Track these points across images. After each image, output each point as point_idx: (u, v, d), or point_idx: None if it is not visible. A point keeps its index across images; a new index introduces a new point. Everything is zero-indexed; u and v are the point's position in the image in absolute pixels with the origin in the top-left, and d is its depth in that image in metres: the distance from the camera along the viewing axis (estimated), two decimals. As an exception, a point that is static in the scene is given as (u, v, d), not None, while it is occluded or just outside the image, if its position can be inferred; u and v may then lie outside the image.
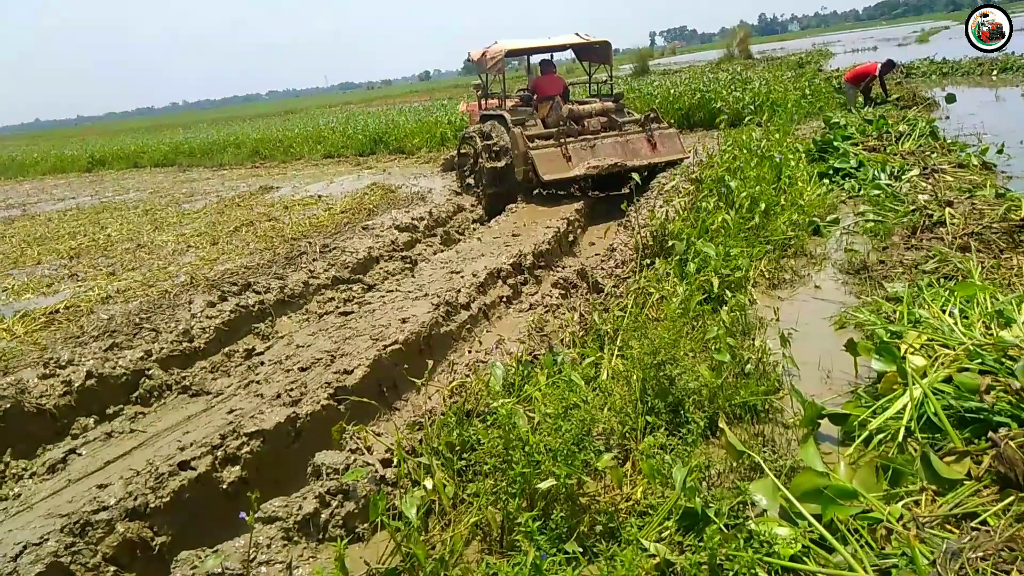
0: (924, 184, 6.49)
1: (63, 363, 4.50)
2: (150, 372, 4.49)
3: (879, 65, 12.34)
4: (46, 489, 3.45)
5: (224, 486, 3.24)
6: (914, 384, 2.68)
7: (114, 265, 7.91)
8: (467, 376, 3.50)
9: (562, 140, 8.66)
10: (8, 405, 3.93)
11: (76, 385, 4.22)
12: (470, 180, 10.13)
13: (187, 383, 4.45)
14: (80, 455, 3.76)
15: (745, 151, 7.10)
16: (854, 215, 6.27)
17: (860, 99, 12.44)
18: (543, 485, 2.36)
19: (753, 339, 3.82)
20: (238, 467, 3.30)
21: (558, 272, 6.00)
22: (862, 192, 6.88)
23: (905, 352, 2.99)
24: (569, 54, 11.40)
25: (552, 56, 10.96)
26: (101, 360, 4.47)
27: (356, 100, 61.58)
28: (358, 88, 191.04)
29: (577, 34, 10.39)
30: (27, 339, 5.53)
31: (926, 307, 3.57)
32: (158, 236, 9.45)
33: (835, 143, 8.54)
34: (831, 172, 7.74)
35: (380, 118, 22.73)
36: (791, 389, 3.02)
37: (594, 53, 10.81)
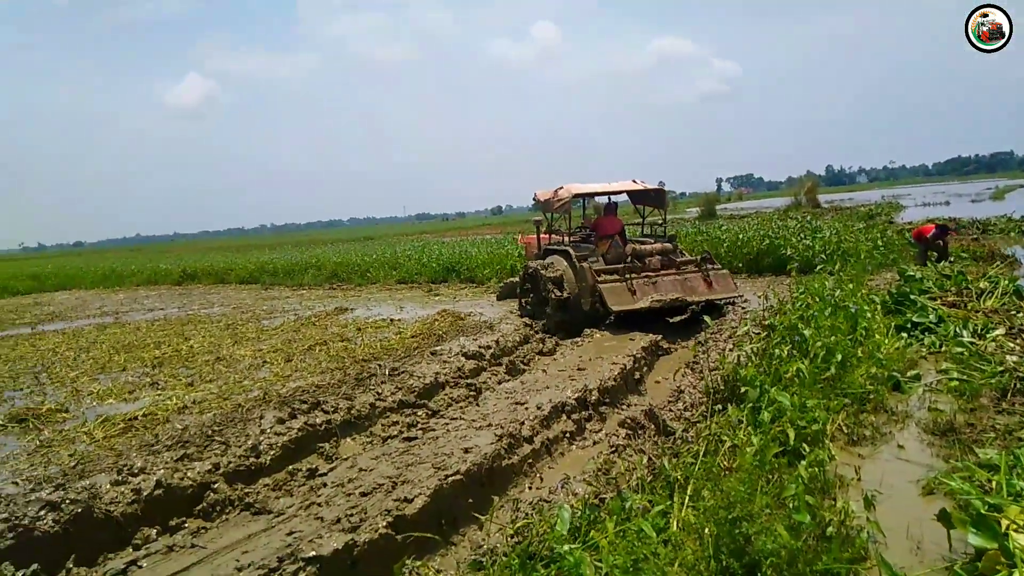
0: (1012, 344, 6.22)
1: (135, 471, 4.62)
2: (215, 486, 4.54)
3: (934, 228, 12.36)
4: (104, 600, 3.44)
5: (277, 613, 3.17)
6: (1023, 566, 2.46)
7: (193, 376, 8.24)
8: (531, 516, 3.41)
9: (627, 276, 9.22)
10: (79, 510, 4.02)
11: (144, 494, 4.30)
12: (530, 308, 10.71)
13: (250, 500, 4.47)
14: (140, 567, 3.78)
15: (818, 299, 7.01)
16: (936, 372, 6.02)
17: (933, 255, 12.28)
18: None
19: (834, 499, 3.61)
20: (292, 594, 3.24)
21: (624, 410, 5.91)
22: (944, 349, 6.63)
23: (1007, 529, 2.76)
24: (624, 197, 12.08)
25: (610, 199, 11.65)
26: (171, 470, 4.57)
27: (431, 230, 64.56)
28: (434, 219, 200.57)
29: (634, 180, 11.16)
30: (105, 444, 5.72)
31: (1027, 478, 3.33)
32: (237, 350, 9.84)
33: (911, 296, 8.35)
34: (909, 326, 7.52)
35: (453, 248, 23.66)
36: (879, 560, 2.80)
37: (649, 198, 11.60)
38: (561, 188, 10.74)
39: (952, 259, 11.67)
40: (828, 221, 21.03)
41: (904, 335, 7.14)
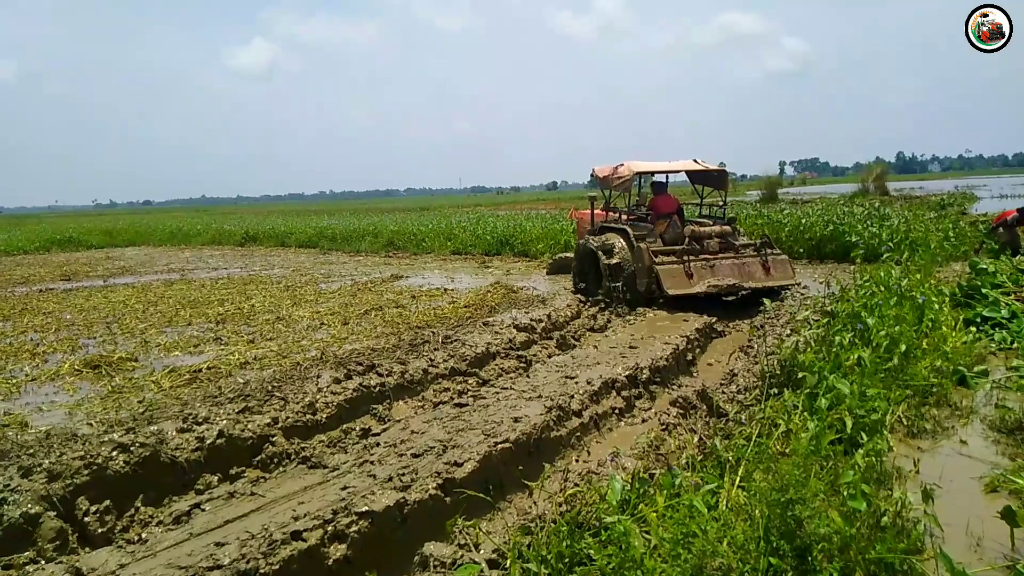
0: (1091, 344, 5.92)
1: (199, 420, 4.82)
2: (274, 439, 4.71)
3: (1015, 212, 11.71)
4: (169, 539, 3.63)
5: (330, 562, 3.30)
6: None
7: (254, 334, 8.52)
8: (580, 486, 3.44)
9: (685, 258, 9.08)
10: (148, 453, 4.22)
11: (207, 443, 4.49)
12: (584, 284, 10.68)
13: (306, 454, 4.63)
14: (203, 511, 3.96)
15: (883, 288, 6.79)
16: (1006, 368, 5.78)
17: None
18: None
19: (890, 490, 3.53)
20: (344, 545, 3.37)
21: (675, 390, 5.87)
22: (1015, 345, 6.36)
23: (1075, 530, 2.66)
24: (682, 176, 11.81)
25: (667, 178, 11.42)
26: (233, 421, 4.75)
27: (486, 203, 64.69)
28: (489, 192, 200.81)
29: (696, 160, 10.87)
30: (171, 393, 5.99)
31: (1098, 481, 3.19)
32: (296, 311, 10.13)
33: (983, 290, 8.01)
34: (979, 320, 7.23)
35: (508, 221, 23.69)
36: (938, 552, 2.74)
37: (711, 179, 11.27)
38: (622, 165, 10.59)
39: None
40: (897, 209, 20.22)
41: (973, 329, 6.87)
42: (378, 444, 4.74)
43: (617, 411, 5.45)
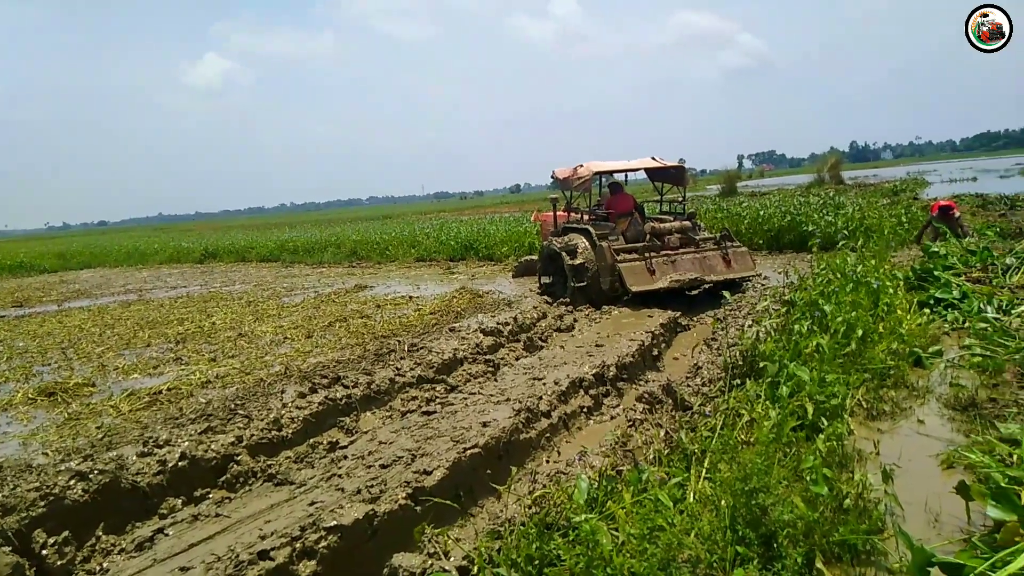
0: (1038, 320, 6.12)
1: (160, 443, 4.72)
2: (239, 458, 4.63)
3: (937, 210, 12.01)
4: (132, 567, 3.53)
5: (299, 580, 3.24)
6: (1040, 537, 2.45)
7: (216, 352, 8.36)
8: (548, 487, 3.44)
9: (647, 255, 9.17)
10: (107, 480, 4.11)
11: (170, 465, 4.39)
12: (550, 285, 10.81)
13: (272, 471, 4.55)
14: (167, 535, 3.86)
15: (839, 275, 6.94)
16: (959, 348, 5.95)
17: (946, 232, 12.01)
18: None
19: (852, 472, 3.60)
20: (314, 561, 3.31)
21: (642, 386, 5.92)
22: (967, 325, 6.55)
23: (1027, 500, 2.74)
24: (641, 174, 11.98)
25: (626, 177, 11.58)
26: (195, 442, 4.66)
27: (450, 208, 64.57)
28: (452, 198, 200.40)
29: (653, 158, 11.02)
30: (131, 417, 5.84)
31: (1048, 452, 3.29)
32: (258, 326, 9.97)
33: (935, 272, 8.24)
34: (932, 302, 7.43)
35: (472, 226, 23.67)
36: (897, 530, 2.80)
37: (669, 175, 11.41)
38: (581, 166, 10.68)
39: (973, 235, 11.44)
40: (851, 197, 20.73)
41: (927, 311, 7.07)
42: (346, 457, 4.67)
43: (586, 410, 5.47)
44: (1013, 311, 6.50)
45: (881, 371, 5.22)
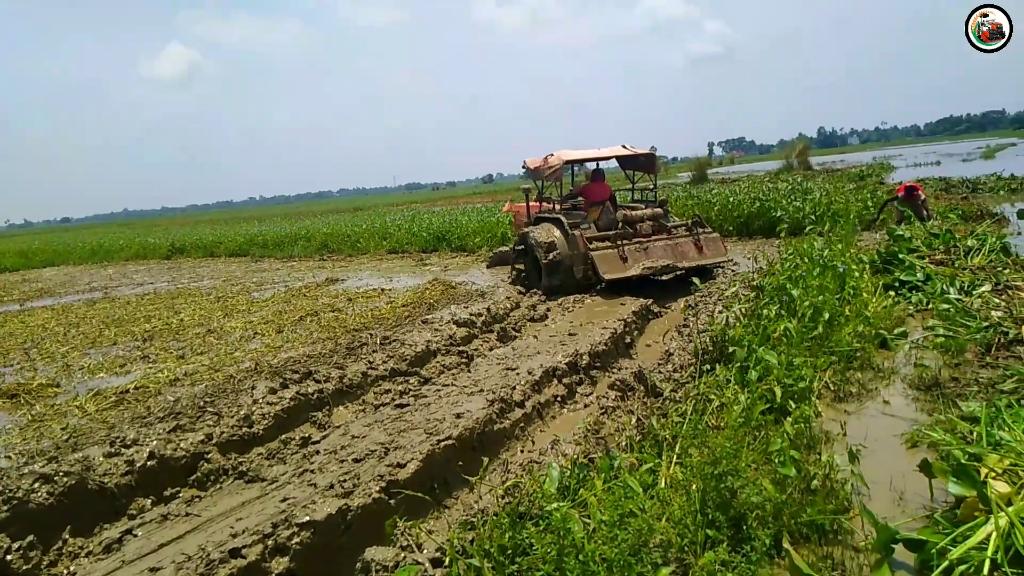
0: (997, 300, 6.26)
1: (128, 442, 4.64)
2: (209, 456, 4.57)
3: (903, 190, 12.23)
4: (100, 569, 3.48)
5: (272, 577, 3.21)
6: (999, 512, 2.51)
7: (184, 349, 8.23)
8: (521, 476, 3.45)
9: (619, 242, 9.21)
10: (73, 482, 4.04)
11: (138, 465, 4.33)
12: (524, 275, 10.85)
13: (244, 469, 4.50)
14: (136, 536, 3.81)
15: (807, 260, 7.04)
16: (923, 329, 6.08)
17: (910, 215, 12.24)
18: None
19: (819, 453, 3.66)
20: (287, 558, 3.28)
21: (614, 373, 5.95)
22: (930, 306, 6.69)
23: (986, 477, 2.81)
24: (614, 162, 12.03)
25: (598, 165, 11.60)
26: (164, 441, 4.59)
27: (421, 200, 64.19)
28: (424, 188, 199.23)
29: (624, 146, 11.07)
30: (97, 417, 5.73)
31: (1007, 429, 3.38)
32: (227, 322, 9.83)
33: (900, 255, 8.40)
34: (897, 284, 7.58)
35: (444, 217, 23.56)
36: (862, 509, 2.86)
37: (639, 163, 11.49)
38: (551, 155, 10.69)
39: (937, 218, 11.68)
40: (819, 183, 21.00)
41: (892, 293, 7.20)
42: (318, 452, 4.63)
43: (559, 399, 5.49)
44: (974, 292, 6.64)
45: (848, 353, 5.31)
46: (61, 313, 12.87)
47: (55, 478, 3.99)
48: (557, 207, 10.93)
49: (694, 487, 2.98)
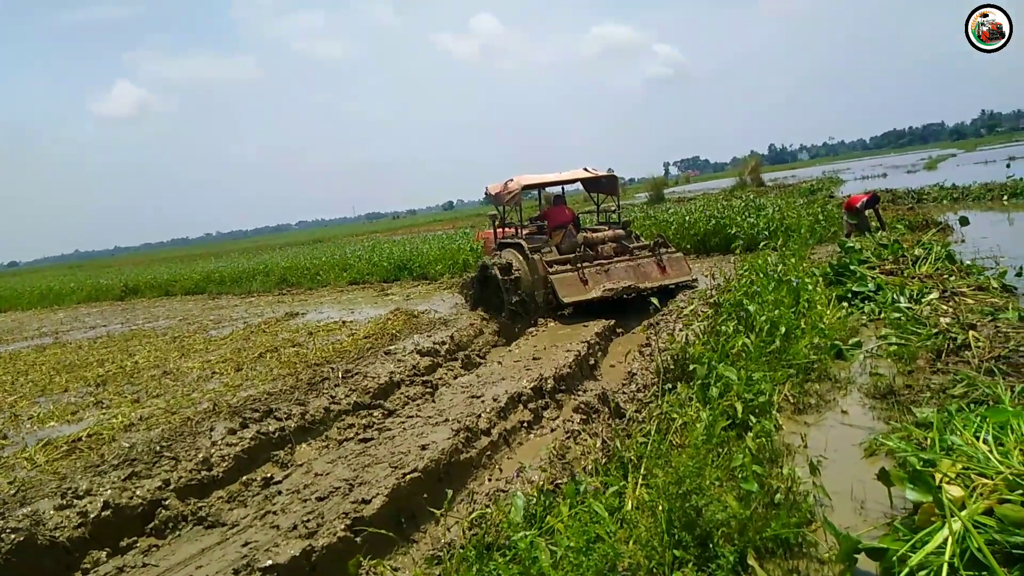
0: (945, 307, 6.47)
1: (80, 493, 4.48)
2: (167, 502, 4.43)
3: (864, 198, 12.54)
4: (51, 628, 3.33)
5: (234, 625, 3.11)
6: (953, 517, 2.57)
7: (139, 392, 8.00)
8: (487, 507, 3.41)
9: (579, 265, 9.29)
10: (21, 538, 3.87)
11: (92, 516, 4.18)
12: (485, 302, 10.68)
13: (203, 514, 4.36)
14: (89, 591, 3.66)
15: (762, 275, 7.18)
16: (876, 338, 6.23)
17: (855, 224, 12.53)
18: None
19: (781, 467, 3.71)
20: (250, 605, 3.19)
21: (579, 396, 5.96)
22: (882, 315, 6.86)
23: (940, 482, 2.88)
24: (578, 186, 12.14)
25: (563, 189, 11.70)
26: (119, 490, 4.44)
27: (382, 229, 63.88)
28: (384, 217, 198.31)
29: (586, 168, 11.19)
30: (47, 468, 5.52)
31: (958, 434, 3.46)
32: (184, 363, 9.59)
33: (852, 267, 8.63)
34: (849, 295, 7.76)
35: (405, 246, 23.46)
36: (824, 521, 2.89)
37: (601, 186, 11.62)
38: (511, 180, 10.74)
39: (886, 230, 12.03)
40: (771, 199, 21.50)
41: (845, 305, 7.36)
42: (280, 492, 4.53)
43: (526, 424, 5.47)
44: (923, 300, 6.85)
45: (805, 366, 5.40)
46: (8, 361, 12.41)
47: (1, 536, 3.82)
48: (519, 232, 10.98)
49: (660, 507, 2.99)
